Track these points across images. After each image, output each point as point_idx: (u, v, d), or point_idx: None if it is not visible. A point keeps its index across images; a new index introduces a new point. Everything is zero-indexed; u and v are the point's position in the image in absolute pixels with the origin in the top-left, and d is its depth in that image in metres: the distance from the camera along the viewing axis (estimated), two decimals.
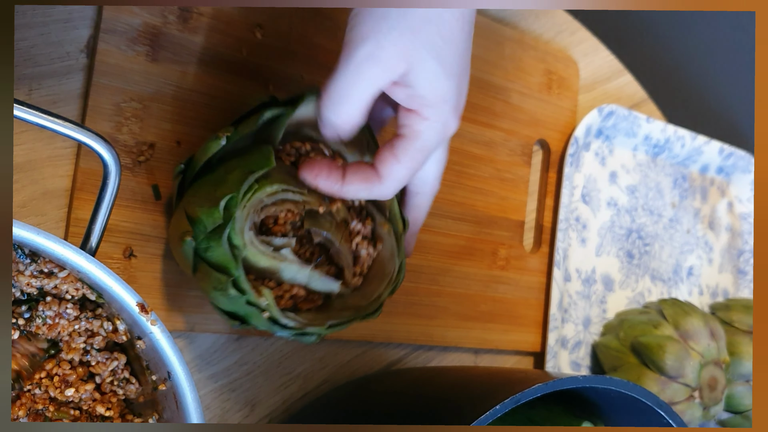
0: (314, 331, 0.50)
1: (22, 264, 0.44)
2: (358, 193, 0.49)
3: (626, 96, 0.85)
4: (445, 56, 0.47)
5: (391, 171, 0.48)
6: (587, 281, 0.80)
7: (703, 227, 0.91)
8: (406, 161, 0.48)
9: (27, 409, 0.45)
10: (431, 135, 0.48)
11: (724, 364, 0.76)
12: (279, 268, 0.51)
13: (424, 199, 0.55)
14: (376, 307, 0.53)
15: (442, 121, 0.48)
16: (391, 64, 0.46)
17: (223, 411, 0.59)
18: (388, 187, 0.49)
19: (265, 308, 0.48)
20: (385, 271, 0.54)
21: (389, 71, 0.46)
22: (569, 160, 0.76)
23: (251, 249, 0.49)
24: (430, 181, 0.54)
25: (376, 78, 0.46)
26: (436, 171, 0.54)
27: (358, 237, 0.55)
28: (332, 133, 0.49)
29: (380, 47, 0.45)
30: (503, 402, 0.45)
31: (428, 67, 0.47)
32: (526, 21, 0.77)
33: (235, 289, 0.48)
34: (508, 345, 0.72)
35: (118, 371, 0.47)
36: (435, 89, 0.47)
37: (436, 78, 0.47)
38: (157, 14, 0.54)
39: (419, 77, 0.47)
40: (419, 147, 0.48)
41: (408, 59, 0.46)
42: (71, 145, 0.52)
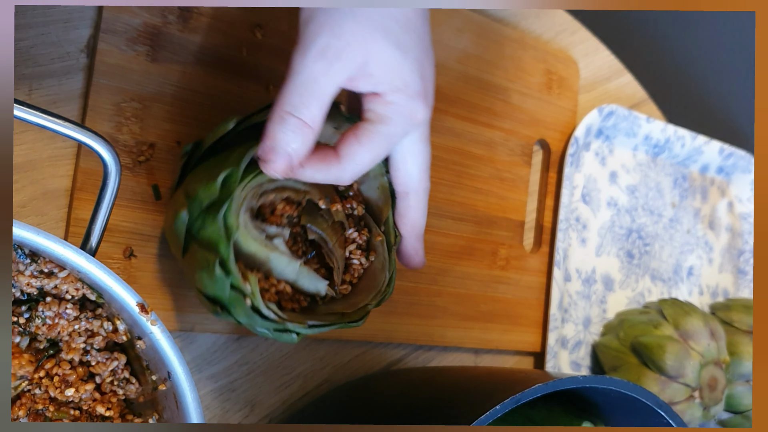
0: (294, 329, 0.49)
1: (22, 264, 0.44)
2: (315, 174, 0.47)
3: (626, 96, 0.85)
4: (403, 42, 0.46)
5: (350, 151, 0.46)
6: (587, 281, 0.80)
7: (704, 227, 0.91)
8: (366, 143, 0.46)
9: (27, 409, 0.45)
10: (395, 119, 0.47)
11: (724, 364, 0.76)
12: (269, 258, 0.50)
13: (416, 198, 0.52)
14: (361, 316, 0.52)
15: (407, 106, 0.47)
16: (349, 53, 0.45)
17: (223, 411, 0.59)
18: (345, 168, 0.47)
19: (248, 295, 0.47)
20: (375, 282, 0.53)
21: (348, 61, 0.45)
22: (569, 160, 0.76)
23: (244, 232, 0.49)
24: (415, 178, 0.51)
25: (335, 70, 0.45)
26: (419, 165, 0.51)
27: (353, 245, 0.54)
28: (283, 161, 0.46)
29: (336, 37, 0.44)
30: (503, 402, 0.45)
31: (387, 53, 0.46)
32: (526, 21, 0.77)
33: (222, 269, 0.47)
34: (508, 345, 0.72)
35: (118, 371, 0.47)
36: (396, 74, 0.46)
37: (396, 63, 0.46)
38: (157, 14, 0.54)
39: (379, 64, 0.46)
40: (382, 131, 0.47)
41: (365, 48, 0.45)
42: (71, 145, 0.52)
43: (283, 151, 0.45)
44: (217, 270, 0.47)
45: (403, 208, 0.53)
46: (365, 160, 0.47)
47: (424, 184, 0.52)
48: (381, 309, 0.64)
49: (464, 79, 0.70)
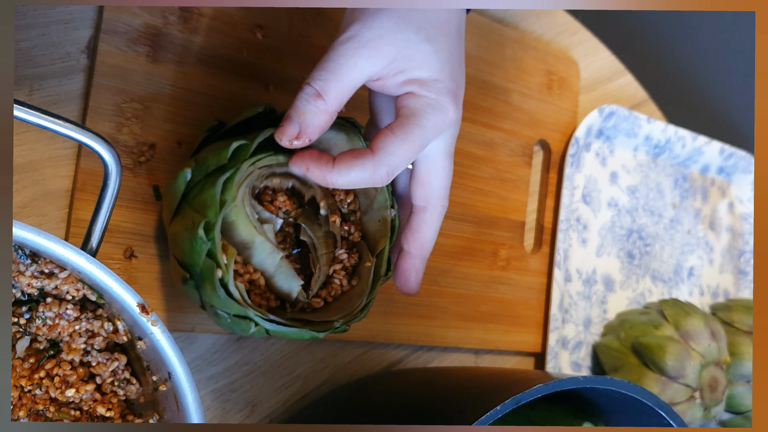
0: (254, 319, 0.48)
1: (23, 264, 0.44)
2: (350, 175, 0.46)
3: (627, 96, 0.85)
4: (436, 40, 0.47)
5: (385, 144, 0.46)
6: (588, 282, 0.80)
7: (704, 228, 0.91)
8: (401, 134, 0.46)
9: (27, 409, 0.45)
10: (428, 112, 0.47)
11: (725, 365, 0.76)
12: (254, 242, 0.49)
13: (432, 214, 0.51)
14: (325, 330, 0.50)
15: (438, 99, 0.47)
16: (377, 43, 0.46)
17: (223, 411, 0.59)
18: (381, 162, 0.46)
19: (221, 267, 0.47)
20: (350, 304, 0.52)
21: (375, 51, 0.46)
22: (570, 161, 0.76)
23: (239, 208, 0.48)
24: (436, 193, 0.51)
25: (361, 55, 0.46)
26: (441, 181, 0.51)
27: (338, 265, 0.53)
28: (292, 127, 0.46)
29: (367, 27, 0.46)
30: (504, 402, 0.45)
31: (419, 48, 0.46)
32: (526, 21, 0.78)
33: (204, 232, 0.46)
34: (509, 345, 0.72)
35: (118, 372, 0.47)
36: (428, 70, 0.47)
37: (429, 59, 0.47)
38: (157, 15, 0.54)
39: (410, 59, 0.47)
40: (416, 122, 0.47)
41: (395, 41, 0.46)
42: (72, 145, 0.52)
43: (294, 117, 0.46)
44: (200, 231, 0.46)
45: (416, 223, 0.52)
46: (400, 153, 0.46)
47: (443, 202, 0.51)
48: (381, 310, 0.64)
49: (465, 79, 0.70)
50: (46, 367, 0.45)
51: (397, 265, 0.53)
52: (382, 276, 0.53)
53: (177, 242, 0.49)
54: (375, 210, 0.54)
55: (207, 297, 0.48)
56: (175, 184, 0.49)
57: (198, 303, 0.50)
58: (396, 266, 0.54)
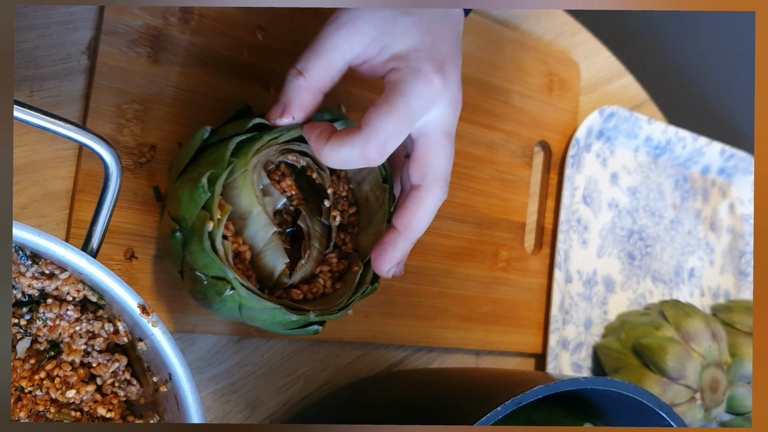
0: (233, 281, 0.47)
1: (23, 265, 0.44)
2: (340, 152, 0.47)
3: (627, 97, 0.85)
4: (414, 13, 0.49)
5: (371, 119, 0.46)
6: (588, 282, 0.80)
7: (705, 228, 0.91)
8: (386, 108, 0.46)
9: (28, 410, 0.45)
10: (410, 83, 0.47)
11: (726, 366, 0.76)
12: (251, 213, 0.49)
13: (426, 194, 0.49)
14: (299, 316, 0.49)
15: (421, 70, 0.47)
16: (354, 23, 0.48)
17: (224, 412, 0.59)
18: (368, 136, 0.46)
19: (213, 219, 0.47)
20: (328, 301, 0.53)
21: (354, 30, 0.48)
22: (570, 162, 0.76)
23: (249, 174, 0.49)
24: (433, 172, 0.49)
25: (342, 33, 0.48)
26: (439, 162, 0.49)
27: (326, 267, 0.53)
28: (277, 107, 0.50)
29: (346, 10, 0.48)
30: (505, 403, 0.45)
31: (398, 22, 0.48)
32: (527, 22, 0.78)
33: (207, 183, 0.47)
34: (510, 346, 0.72)
35: (119, 373, 0.47)
36: (408, 40, 0.48)
37: (406, 28, 0.48)
38: (158, 16, 0.54)
39: (390, 33, 0.48)
40: (398, 95, 0.47)
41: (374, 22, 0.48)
42: (72, 146, 0.52)
43: (281, 96, 0.50)
44: (204, 180, 0.47)
45: (409, 200, 0.49)
46: (387, 126, 0.46)
47: (440, 183, 0.49)
48: (382, 310, 0.64)
49: (465, 80, 0.70)
50: (47, 368, 0.45)
51: (380, 239, 0.51)
52: (367, 283, 0.53)
53: (176, 195, 0.49)
54: (372, 225, 0.54)
55: (191, 255, 0.48)
56: (191, 141, 0.50)
57: (178, 265, 0.49)
58: (379, 240, 0.51)
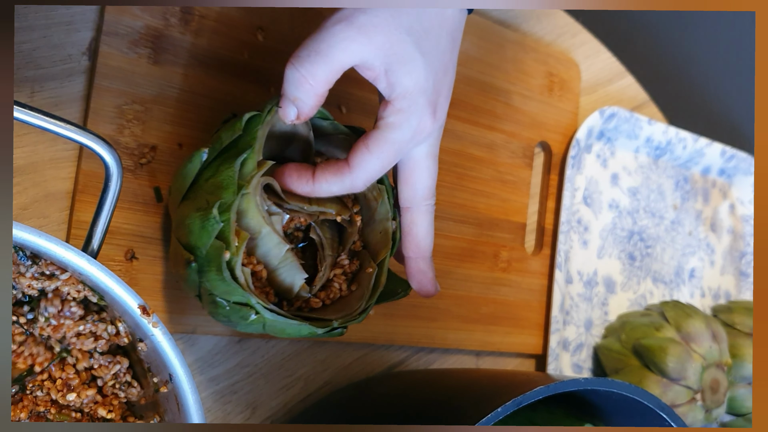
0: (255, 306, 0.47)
1: (23, 266, 0.44)
2: (330, 187, 0.48)
3: (628, 98, 0.85)
4: (425, 48, 0.47)
5: (361, 160, 0.47)
6: (589, 283, 0.80)
7: (705, 229, 0.91)
8: (376, 151, 0.47)
9: (29, 411, 0.45)
10: (404, 127, 0.48)
11: (726, 367, 0.76)
12: (260, 233, 0.49)
13: (418, 213, 0.52)
14: (323, 327, 0.50)
15: (417, 114, 0.48)
16: (369, 30, 0.45)
17: (224, 413, 0.59)
18: (357, 176, 0.48)
19: (231, 249, 0.46)
20: (348, 306, 0.52)
21: (367, 38, 0.45)
22: (571, 162, 0.76)
23: (250, 195, 0.48)
24: (419, 194, 0.51)
25: (351, 37, 0.45)
26: (423, 182, 0.51)
27: (339, 270, 0.54)
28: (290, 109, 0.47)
29: (362, 11, 0.45)
30: (505, 404, 0.44)
31: (408, 52, 0.46)
32: (527, 23, 0.78)
33: (219, 213, 0.46)
34: (510, 347, 0.72)
35: (120, 375, 0.47)
36: (413, 78, 0.47)
37: (415, 66, 0.47)
38: (158, 17, 0.54)
39: (398, 62, 0.46)
40: (391, 138, 0.47)
41: (388, 36, 0.45)
42: (73, 147, 0.52)
43: (288, 98, 0.47)
44: (215, 211, 0.46)
45: (406, 224, 0.52)
46: (375, 168, 0.48)
47: (428, 201, 0.52)
48: (382, 311, 0.64)
49: (466, 81, 0.70)
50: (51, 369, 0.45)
51: (407, 273, 0.54)
52: (382, 285, 0.53)
53: (184, 224, 0.48)
54: (376, 222, 0.54)
55: (209, 282, 0.47)
56: (189, 165, 0.49)
57: (195, 291, 0.49)
58: (407, 274, 0.54)
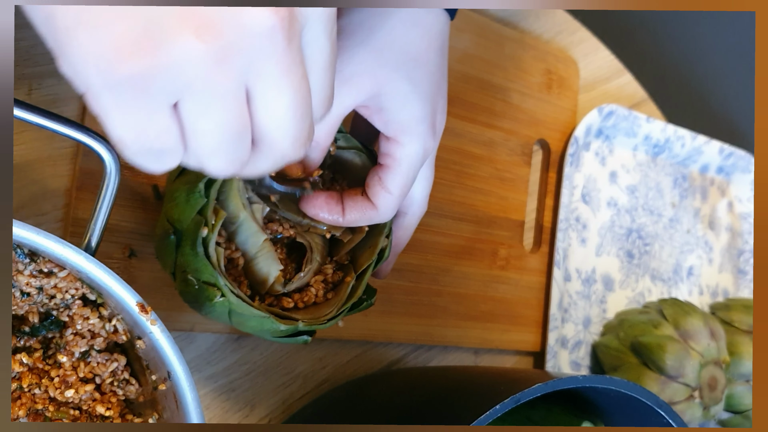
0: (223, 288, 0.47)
1: (22, 263, 0.44)
2: (358, 223, 0.51)
3: (626, 96, 0.85)
4: (415, 77, 0.48)
5: (386, 202, 0.50)
6: (587, 281, 0.80)
7: (703, 227, 0.91)
8: (394, 189, 0.50)
9: (27, 408, 0.45)
10: (412, 159, 0.50)
11: (724, 364, 0.76)
12: (239, 217, 0.49)
13: (411, 219, 0.55)
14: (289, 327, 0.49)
15: (421, 144, 0.49)
16: (357, 80, 0.47)
17: (223, 411, 0.59)
18: (385, 214, 0.51)
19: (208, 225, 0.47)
20: (319, 311, 0.52)
21: (356, 88, 0.47)
22: (569, 160, 0.76)
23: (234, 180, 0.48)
24: (417, 202, 0.54)
25: (343, 94, 0.47)
26: (422, 190, 0.54)
27: (320, 277, 0.53)
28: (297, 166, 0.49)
29: (346, 63, 0.47)
30: (503, 402, 0.45)
31: (399, 87, 0.48)
32: (526, 21, 0.77)
33: (204, 189, 0.47)
34: (508, 345, 0.72)
35: (118, 372, 0.47)
36: (408, 111, 0.48)
37: (408, 99, 0.48)
38: None
39: (391, 99, 0.48)
40: (404, 172, 0.50)
41: (376, 79, 0.47)
42: (71, 145, 0.52)
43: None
44: (201, 185, 0.47)
45: (396, 226, 0.55)
46: (398, 202, 0.51)
47: (423, 209, 0.55)
48: (381, 308, 0.64)
49: (464, 78, 0.70)
50: (46, 368, 0.45)
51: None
52: (357, 295, 0.53)
53: (173, 197, 0.48)
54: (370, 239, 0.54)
55: (183, 257, 0.47)
56: None
57: (171, 267, 0.49)
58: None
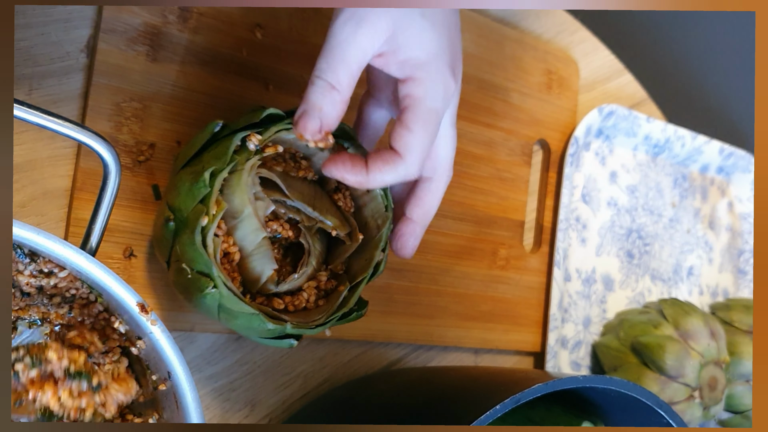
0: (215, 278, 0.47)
1: (22, 263, 0.44)
2: (384, 177, 0.48)
3: (626, 96, 0.85)
4: (430, 15, 0.47)
5: (408, 143, 0.48)
6: (587, 281, 0.80)
7: (703, 227, 0.91)
8: (418, 129, 0.47)
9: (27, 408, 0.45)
10: (433, 95, 0.48)
11: (724, 364, 0.76)
12: (243, 212, 0.49)
13: (437, 184, 0.53)
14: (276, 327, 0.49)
15: (439, 78, 0.48)
16: (373, 19, 0.46)
17: (223, 411, 0.59)
18: (411, 161, 0.48)
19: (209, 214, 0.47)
20: (308, 315, 0.52)
21: (373, 27, 0.46)
22: (569, 160, 0.76)
23: (244, 173, 0.48)
24: (442, 163, 0.52)
25: (362, 35, 0.46)
26: (448, 150, 0.52)
27: (314, 283, 0.53)
28: (314, 121, 0.47)
29: (358, 8, 0.46)
30: (503, 402, 0.45)
31: (414, 23, 0.47)
32: (526, 21, 0.77)
33: (209, 178, 0.47)
34: (508, 345, 0.72)
35: None
36: (424, 45, 0.47)
37: (424, 32, 0.47)
38: (157, 14, 0.54)
39: (406, 35, 0.47)
40: (426, 110, 0.48)
41: (390, 15, 0.46)
42: (71, 145, 0.52)
43: (312, 112, 0.47)
44: (206, 174, 0.47)
45: (422, 191, 0.53)
46: (424, 145, 0.48)
47: (449, 172, 0.53)
48: (381, 309, 0.64)
49: (464, 78, 0.70)
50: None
51: (397, 229, 0.54)
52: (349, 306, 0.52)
53: (176, 186, 0.49)
54: (366, 251, 0.54)
55: (180, 245, 0.48)
56: (201, 133, 0.50)
57: (166, 255, 0.49)
58: (395, 230, 0.54)
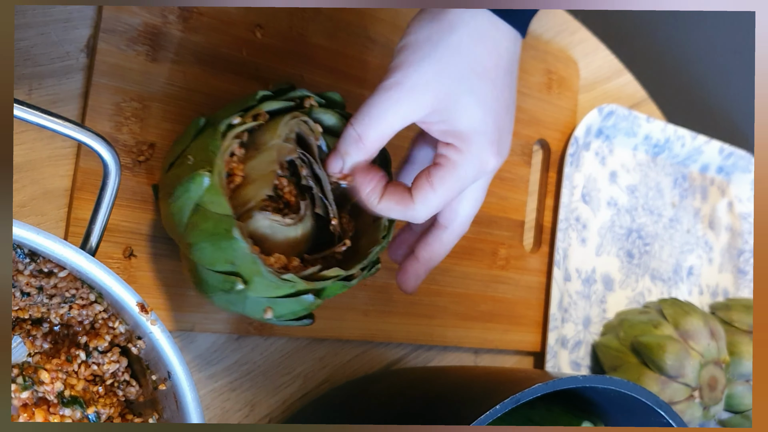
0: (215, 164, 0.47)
1: (21, 263, 0.44)
2: (390, 212, 0.50)
3: (626, 95, 0.85)
4: (479, 92, 0.48)
5: (425, 197, 0.49)
6: (587, 281, 0.80)
7: (703, 227, 0.91)
8: (440, 190, 0.49)
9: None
10: (467, 167, 0.49)
11: (724, 364, 0.76)
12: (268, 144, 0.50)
13: (450, 235, 0.54)
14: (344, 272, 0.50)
15: (479, 155, 0.49)
16: (417, 94, 0.47)
17: (223, 411, 0.59)
18: (419, 211, 0.50)
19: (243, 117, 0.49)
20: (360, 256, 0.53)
21: (416, 102, 0.47)
22: (569, 160, 0.76)
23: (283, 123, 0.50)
24: (460, 219, 0.53)
25: (402, 106, 0.47)
26: (469, 210, 0.53)
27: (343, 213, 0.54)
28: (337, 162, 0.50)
29: (406, 76, 0.47)
30: (503, 402, 0.45)
31: (461, 100, 0.48)
32: None
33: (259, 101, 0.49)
34: (508, 345, 0.72)
35: (118, 374, 0.47)
36: (469, 122, 0.48)
37: (470, 111, 0.48)
38: (157, 14, 0.54)
39: (452, 111, 0.48)
40: (455, 177, 0.49)
41: (438, 93, 0.47)
42: (71, 144, 0.52)
43: (338, 154, 0.50)
44: (260, 94, 0.50)
45: (433, 237, 0.54)
46: (437, 205, 0.50)
47: (465, 227, 0.54)
48: (381, 308, 0.64)
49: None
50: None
51: (403, 264, 0.56)
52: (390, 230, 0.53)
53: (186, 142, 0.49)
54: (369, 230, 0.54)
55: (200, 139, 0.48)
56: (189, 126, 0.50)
57: (177, 153, 0.49)
58: (402, 264, 0.56)
